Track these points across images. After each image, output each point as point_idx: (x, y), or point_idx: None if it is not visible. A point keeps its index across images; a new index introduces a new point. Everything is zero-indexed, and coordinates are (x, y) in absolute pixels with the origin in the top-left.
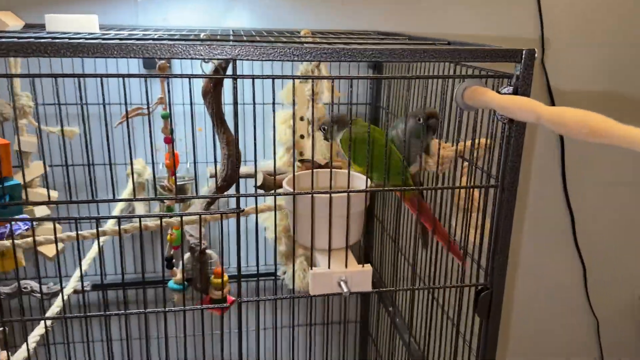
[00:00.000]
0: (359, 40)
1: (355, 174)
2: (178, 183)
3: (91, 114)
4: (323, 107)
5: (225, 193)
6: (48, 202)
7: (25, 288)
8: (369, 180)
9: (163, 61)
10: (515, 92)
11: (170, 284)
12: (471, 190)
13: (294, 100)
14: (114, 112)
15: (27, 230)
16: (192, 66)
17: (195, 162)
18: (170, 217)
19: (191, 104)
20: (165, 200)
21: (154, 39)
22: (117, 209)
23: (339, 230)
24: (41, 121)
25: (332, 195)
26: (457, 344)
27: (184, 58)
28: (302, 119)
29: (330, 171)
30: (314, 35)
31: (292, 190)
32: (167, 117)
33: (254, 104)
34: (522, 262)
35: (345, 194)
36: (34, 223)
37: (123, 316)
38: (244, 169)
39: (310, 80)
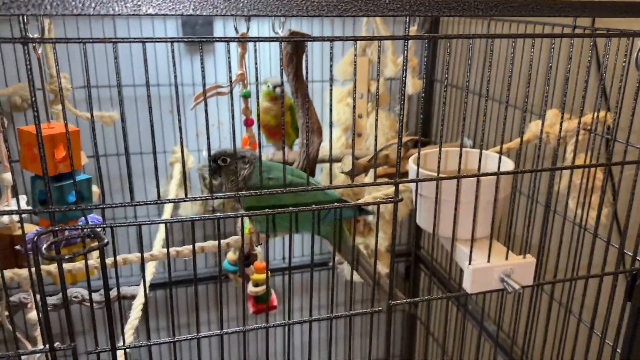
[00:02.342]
0: None
1: (490, 154)
2: None
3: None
4: (384, 82)
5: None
6: (108, 206)
7: (75, 297)
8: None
9: (243, 31)
10: None
11: (225, 263)
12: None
13: (355, 69)
14: (154, 94)
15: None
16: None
17: (260, 147)
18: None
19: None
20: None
21: None
22: (167, 204)
23: (485, 218)
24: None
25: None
26: (604, 339)
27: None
28: (361, 96)
29: (461, 149)
30: None
31: (420, 171)
32: (248, 96)
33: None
34: None
35: (494, 176)
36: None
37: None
38: (295, 155)
39: (370, 54)
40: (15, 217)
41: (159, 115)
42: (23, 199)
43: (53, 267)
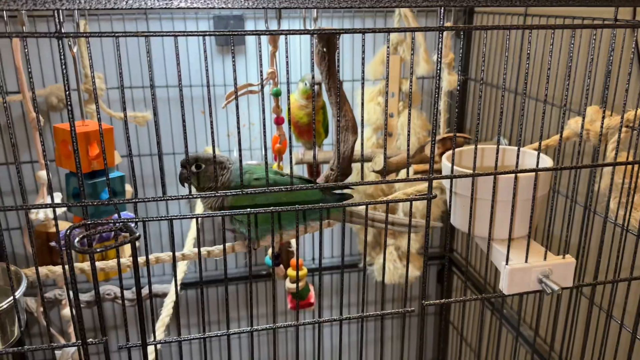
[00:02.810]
0: None
1: (528, 151)
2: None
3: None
4: (416, 81)
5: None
6: (140, 200)
7: (108, 294)
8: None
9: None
10: None
11: (267, 259)
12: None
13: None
14: (185, 95)
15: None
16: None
17: (291, 147)
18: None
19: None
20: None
21: None
22: (199, 202)
23: (522, 217)
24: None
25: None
26: None
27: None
28: (392, 95)
29: (498, 146)
30: None
31: (455, 168)
32: (279, 95)
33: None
34: None
35: (532, 174)
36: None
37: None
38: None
39: (402, 52)
40: (51, 214)
41: (191, 116)
42: (58, 196)
43: (86, 265)
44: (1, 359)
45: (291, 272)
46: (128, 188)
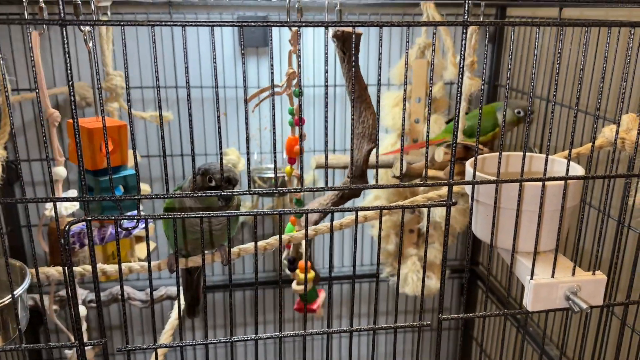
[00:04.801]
0: None
1: (556, 159)
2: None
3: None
4: (443, 86)
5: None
6: (143, 197)
7: (119, 295)
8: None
9: (295, 28)
10: None
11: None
12: None
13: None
14: (206, 96)
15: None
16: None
17: (301, 149)
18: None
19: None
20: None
21: None
22: None
23: (550, 229)
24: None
25: (546, 184)
26: None
27: None
28: (418, 100)
29: (524, 152)
30: None
31: (479, 175)
32: (300, 95)
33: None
34: None
35: (561, 182)
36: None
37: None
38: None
39: (431, 56)
40: (64, 212)
41: (212, 117)
42: (74, 193)
43: (108, 267)
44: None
45: (300, 274)
46: (144, 187)
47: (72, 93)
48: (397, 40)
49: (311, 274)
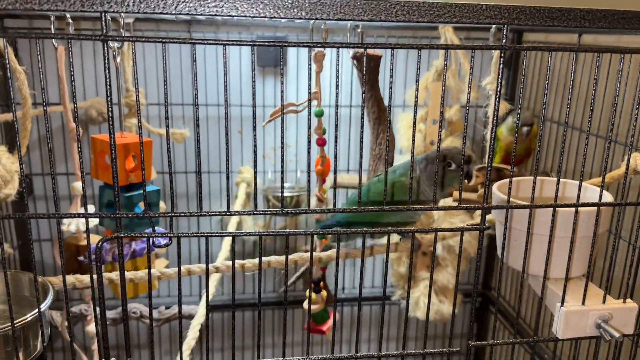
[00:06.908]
0: None
1: (589, 186)
2: (289, 194)
3: (189, 115)
4: (460, 109)
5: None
6: (176, 215)
7: (134, 313)
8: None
9: (319, 48)
10: None
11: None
12: None
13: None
14: (221, 114)
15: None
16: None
17: (336, 170)
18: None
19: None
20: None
21: None
22: (232, 223)
23: (580, 255)
24: (143, 121)
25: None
26: None
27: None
28: (434, 122)
29: (559, 178)
30: None
31: (510, 199)
32: (321, 115)
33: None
34: None
35: (593, 208)
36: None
37: None
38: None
39: (447, 79)
40: (82, 227)
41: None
42: (92, 209)
43: (115, 275)
44: None
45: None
46: (162, 205)
47: (110, 109)
48: (413, 62)
49: (324, 294)
